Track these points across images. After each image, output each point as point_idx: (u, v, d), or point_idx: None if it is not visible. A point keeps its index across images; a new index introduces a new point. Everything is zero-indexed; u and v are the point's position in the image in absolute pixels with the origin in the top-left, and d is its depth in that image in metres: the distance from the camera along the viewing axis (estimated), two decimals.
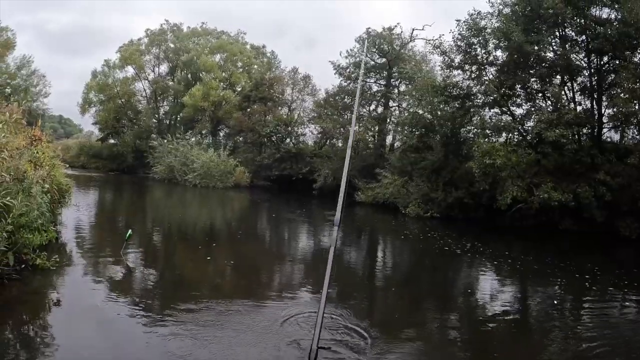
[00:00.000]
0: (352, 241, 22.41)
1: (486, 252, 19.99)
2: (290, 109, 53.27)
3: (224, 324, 9.00)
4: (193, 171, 45.99)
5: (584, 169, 25.93)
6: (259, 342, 8.12)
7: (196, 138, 53.82)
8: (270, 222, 29.19)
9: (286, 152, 47.88)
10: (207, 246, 17.99)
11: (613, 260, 20.52)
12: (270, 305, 10.56)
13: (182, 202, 35.62)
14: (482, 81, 31.05)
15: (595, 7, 27.98)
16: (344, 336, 8.69)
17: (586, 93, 29.44)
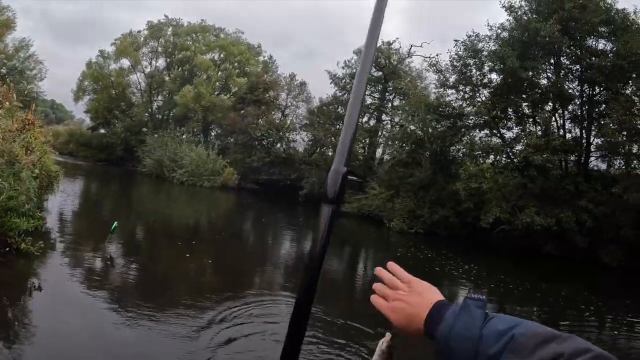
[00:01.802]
0: (332, 251, 22.64)
1: (467, 271, 20.24)
2: (284, 114, 53.08)
3: (187, 318, 9.28)
4: (181, 167, 45.73)
5: (568, 196, 26.33)
6: (210, 338, 8.42)
7: (187, 135, 53.80)
8: (253, 225, 29.32)
9: (276, 156, 47.76)
10: (188, 244, 18.10)
11: (592, 287, 20.89)
12: (239, 304, 10.73)
13: (168, 199, 35.58)
14: (474, 102, 31.52)
15: (591, 38, 28.66)
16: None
17: (576, 121, 29.98)
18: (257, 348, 8.66)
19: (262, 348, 8.69)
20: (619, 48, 26.83)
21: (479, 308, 1.20)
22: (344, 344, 9.22)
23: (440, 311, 1.27)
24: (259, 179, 47.07)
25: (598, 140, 29.15)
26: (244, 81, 56.04)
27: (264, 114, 50.00)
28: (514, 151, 30.05)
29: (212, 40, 61.61)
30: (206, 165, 45.78)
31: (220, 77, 59.62)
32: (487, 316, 1.18)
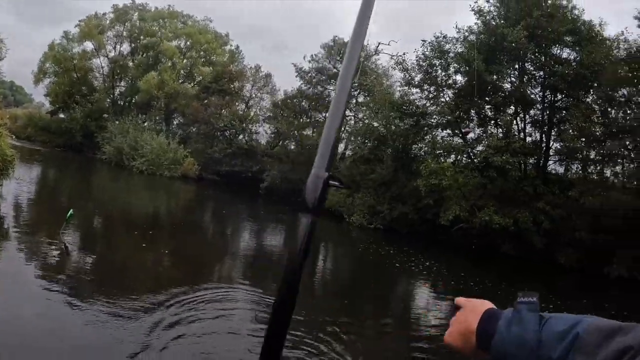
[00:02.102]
0: (293, 244, 22.58)
1: (427, 268, 20.43)
2: (248, 106, 52.91)
3: (139, 307, 9.15)
4: (141, 156, 44.94)
5: (526, 197, 26.78)
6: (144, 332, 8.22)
7: (149, 123, 53.00)
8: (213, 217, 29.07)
9: (238, 148, 47.44)
10: (145, 233, 17.77)
11: (549, 287, 21.28)
12: (194, 294, 10.62)
13: (127, 187, 35.07)
14: (438, 102, 31.91)
15: (556, 46, 29.32)
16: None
17: (537, 125, 30.63)
18: (208, 338, 8.60)
19: (215, 338, 8.65)
20: (582, 57, 27.58)
21: (532, 311, 1.14)
22: (302, 337, 9.15)
23: (490, 320, 1.21)
24: (220, 170, 46.59)
25: (557, 144, 30.11)
26: (209, 70, 55.46)
27: (227, 105, 49.64)
28: (475, 152, 30.56)
29: (179, 27, 60.47)
30: (167, 155, 45.07)
31: (185, 65, 58.79)
32: (542, 318, 1.13)
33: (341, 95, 1.69)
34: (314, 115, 46.45)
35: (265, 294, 11.59)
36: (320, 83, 45.50)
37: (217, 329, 9.06)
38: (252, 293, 11.69)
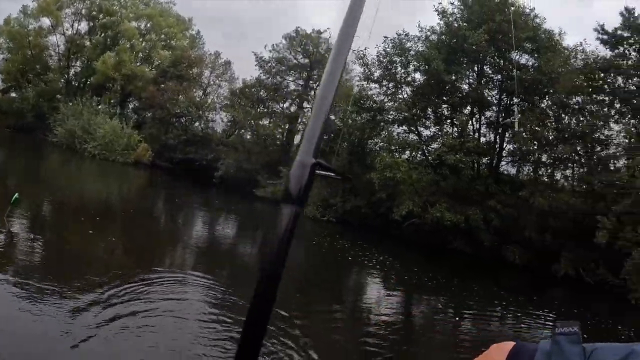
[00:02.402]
0: (245, 234, 22.53)
1: (381, 262, 20.55)
2: (205, 93, 52.37)
3: (82, 295, 8.87)
4: (94, 140, 43.55)
5: (478, 196, 27.28)
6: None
7: (103, 106, 51.37)
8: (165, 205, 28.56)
9: (193, 135, 46.79)
10: (93, 220, 17.05)
11: (498, 283, 21.77)
12: (139, 282, 10.36)
13: (77, 172, 34.11)
14: (396, 98, 32.15)
15: (516, 52, 29.73)
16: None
17: (491, 127, 31.12)
18: (156, 325, 8.40)
19: (161, 325, 8.47)
20: (540, 64, 28.34)
21: (574, 343, 0.95)
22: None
23: (522, 357, 0.98)
24: (173, 157, 45.93)
25: (510, 146, 30.73)
26: (167, 54, 54.19)
27: (184, 91, 48.83)
28: (430, 149, 30.80)
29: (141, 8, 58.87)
30: (120, 139, 43.94)
31: (144, 48, 57.09)
32: (586, 350, 0.95)
33: (331, 78, 1.59)
34: (272, 105, 46.18)
35: (218, 282, 11.49)
36: (279, 73, 45.13)
37: (165, 316, 8.86)
38: (203, 280, 11.54)
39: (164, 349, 7.72)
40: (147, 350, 7.60)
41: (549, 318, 16.41)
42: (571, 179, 28.77)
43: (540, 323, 15.72)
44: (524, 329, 15.06)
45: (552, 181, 29.18)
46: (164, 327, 8.43)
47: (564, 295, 22.21)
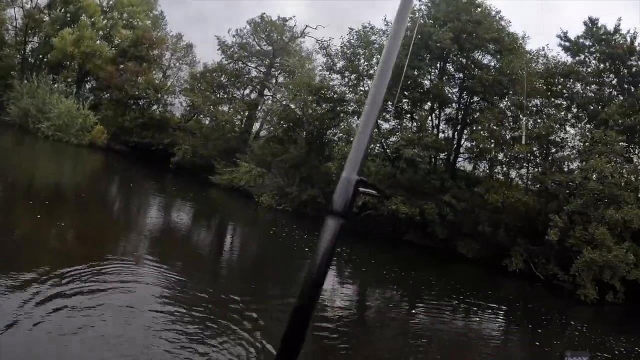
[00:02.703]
0: (202, 223, 22.27)
1: (337, 254, 20.41)
2: (165, 75, 51.27)
3: (16, 283, 8.61)
4: (48, 120, 41.90)
5: (433, 190, 27.61)
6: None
7: (59, 85, 49.63)
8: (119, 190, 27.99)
9: (150, 118, 45.74)
10: (42, 204, 16.56)
11: (449, 273, 22.13)
12: (84, 269, 10.10)
13: (29, 153, 32.84)
14: (357, 90, 32.14)
15: (479, 52, 30.23)
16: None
17: (450, 123, 31.44)
18: (100, 313, 8.26)
19: (108, 313, 8.34)
20: (502, 65, 28.79)
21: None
22: (209, 315, 9.22)
23: None
24: (129, 140, 44.92)
25: (468, 143, 31.06)
26: (129, 34, 52.75)
27: (144, 72, 47.66)
28: (388, 142, 30.79)
29: None
30: (75, 120, 42.53)
31: (105, 25, 55.03)
32: None
33: (376, 97, 1.69)
34: (232, 91, 45.52)
35: (171, 271, 11.34)
36: (242, 59, 44.48)
37: (113, 304, 8.71)
38: (156, 268, 11.34)
39: (110, 337, 7.55)
40: (91, 337, 7.41)
41: (500, 311, 16.68)
42: (526, 177, 29.23)
43: (491, 316, 15.97)
44: (475, 321, 15.27)
45: (507, 179, 29.76)
46: (112, 315, 8.26)
47: (515, 289, 22.67)
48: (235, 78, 44.54)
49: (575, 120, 28.97)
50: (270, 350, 8.45)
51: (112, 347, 7.27)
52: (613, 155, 24.32)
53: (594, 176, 24.21)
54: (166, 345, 7.73)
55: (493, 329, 15.03)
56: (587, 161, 24.48)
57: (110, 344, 7.32)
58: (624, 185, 23.78)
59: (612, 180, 23.34)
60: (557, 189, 25.35)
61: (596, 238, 21.88)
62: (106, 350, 7.16)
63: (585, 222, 23.06)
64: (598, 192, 23.42)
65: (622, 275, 21.52)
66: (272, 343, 8.66)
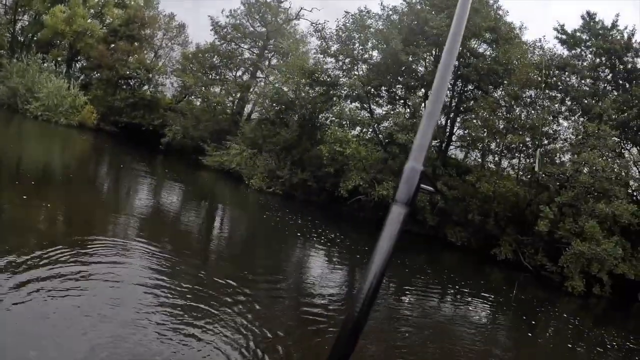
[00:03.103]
0: (192, 205, 22.06)
1: (322, 236, 20.54)
2: (156, 55, 50.68)
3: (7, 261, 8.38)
4: (37, 100, 40.87)
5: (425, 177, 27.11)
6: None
7: (49, 64, 48.72)
8: (109, 171, 27.65)
9: (141, 99, 45.34)
10: (28, 185, 15.96)
11: (437, 260, 22.21)
12: (68, 249, 9.81)
13: (16, 133, 32.01)
14: (351, 74, 31.88)
15: (476, 40, 30.08)
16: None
17: (444, 111, 31.08)
18: (86, 288, 8.18)
19: (96, 290, 8.26)
20: (498, 54, 28.76)
21: None
22: (198, 297, 9.10)
23: None
24: (119, 121, 44.49)
25: (460, 131, 31.30)
26: (120, 13, 51.74)
27: (135, 52, 47.22)
28: (380, 127, 30.65)
29: None
30: (65, 100, 41.74)
31: (97, 4, 54.22)
32: None
33: (441, 85, 1.63)
34: (224, 72, 45.03)
35: (160, 252, 11.35)
36: (235, 40, 44.00)
37: (101, 281, 8.65)
38: (145, 247, 11.22)
39: (95, 314, 7.41)
40: (75, 314, 7.28)
41: (487, 299, 16.64)
42: (517, 168, 29.30)
43: (478, 303, 15.97)
44: (462, 308, 15.25)
45: (499, 169, 29.72)
46: (99, 292, 8.15)
47: (503, 278, 22.71)
48: (228, 59, 44.14)
49: (569, 113, 28.95)
50: (258, 333, 8.41)
51: (100, 328, 7.12)
52: (605, 149, 24.45)
53: (585, 169, 24.22)
54: (156, 327, 7.60)
55: (480, 316, 15.04)
56: (579, 154, 24.36)
57: (98, 325, 7.18)
58: (615, 180, 23.71)
59: (604, 175, 23.28)
60: (548, 180, 25.37)
61: (586, 231, 21.92)
62: (92, 330, 7.00)
63: (575, 214, 23.17)
64: (589, 186, 23.45)
65: (609, 269, 21.58)
66: (263, 326, 8.67)
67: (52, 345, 6.44)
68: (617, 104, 26.30)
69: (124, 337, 7.06)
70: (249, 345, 7.98)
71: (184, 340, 7.52)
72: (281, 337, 8.74)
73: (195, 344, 7.52)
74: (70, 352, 6.44)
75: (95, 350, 6.51)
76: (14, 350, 6.08)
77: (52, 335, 6.64)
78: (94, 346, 6.59)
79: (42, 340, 6.45)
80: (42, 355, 6.18)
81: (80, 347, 6.53)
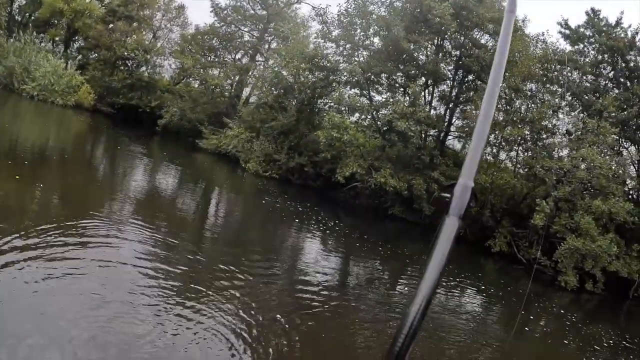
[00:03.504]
0: (188, 187, 21.98)
1: (316, 221, 20.50)
2: (155, 36, 49.92)
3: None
4: (33, 80, 39.92)
5: (422, 165, 27.50)
6: None
7: (47, 44, 47.99)
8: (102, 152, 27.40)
9: (139, 80, 44.81)
10: (22, 165, 15.68)
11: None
12: (62, 229, 9.69)
13: (11, 113, 31.46)
14: (351, 60, 31.55)
15: (478, 31, 29.69)
16: None
17: (443, 100, 31.14)
18: (78, 268, 8.06)
19: (90, 271, 8.16)
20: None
21: None
22: (194, 279, 9.17)
23: None
24: (116, 102, 43.97)
25: (459, 122, 31.13)
26: None
27: (134, 32, 46.50)
28: (379, 114, 30.40)
29: None
30: (61, 80, 40.99)
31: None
32: None
33: (487, 112, 1.67)
34: (223, 55, 44.58)
35: (157, 232, 11.37)
36: (235, 22, 43.41)
37: (94, 263, 8.50)
38: (141, 229, 11.09)
39: (87, 294, 7.31)
40: (66, 294, 7.19)
41: (480, 290, 16.65)
42: (515, 160, 29.28)
43: (471, 293, 15.96)
44: (455, 298, 15.20)
45: (497, 161, 29.73)
46: (91, 273, 8.08)
47: (496, 270, 22.74)
48: (228, 42, 43.62)
49: (569, 109, 28.90)
50: (253, 315, 8.38)
51: (92, 308, 7.01)
52: (604, 146, 24.42)
53: (583, 165, 24.16)
54: (149, 308, 7.57)
55: (472, 306, 15.07)
56: (578, 150, 24.33)
57: (89, 305, 7.07)
58: (613, 178, 23.73)
59: (601, 172, 23.17)
60: (545, 174, 25.17)
61: (581, 227, 21.95)
62: (88, 309, 6.91)
63: (571, 210, 23.19)
64: (586, 182, 23.48)
65: (603, 266, 21.62)
66: (258, 309, 8.69)
67: (41, 325, 6.29)
68: (618, 102, 26.30)
69: (115, 317, 6.95)
70: (244, 328, 7.92)
71: (177, 321, 7.43)
72: (276, 319, 8.69)
73: (188, 325, 7.43)
74: (61, 330, 6.30)
75: (85, 330, 6.41)
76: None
77: (40, 314, 6.47)
78: (84, 326, 6.48)
79: (30, 320, 6.28)
80: (31, 335, 6.00)
81: (70, 326, 6.42)
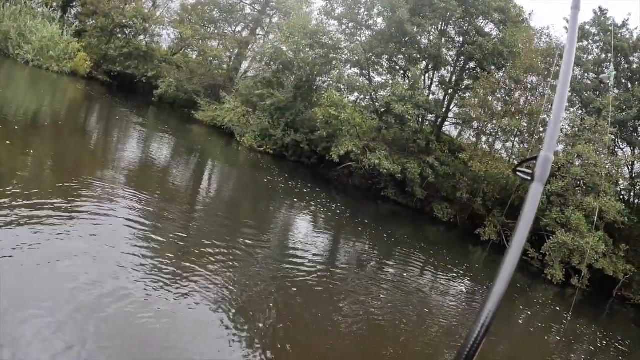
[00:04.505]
0: (181, 159, 21.78)
1: (309, 198, 20.45)
2: (155, 5, 48.75)
3: None
4: (28, 43, 38.43)
5: (417, 149, 27.53)
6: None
7: (44, 9, 47.20)
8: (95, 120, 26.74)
9: (136, 49, 43.63)
10: (13, 130, 15.12)
11: (422, 234, 22.43)
12: (51, 200, 9.33)
13: (5, 79, 30.64)
14: (353, 40, 31.34)
15: (483, 19, 29.68)
16: None
17: (443, 86, 31.04)
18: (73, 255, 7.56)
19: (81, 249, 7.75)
20: (505, 36, 28.35)
21: None
22: (181, 256, 8.96)
23: None
24: (112, 70, 43.26)
25: (457, 109, 31.05)
26: None
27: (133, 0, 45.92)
28: (378, 96, 30.33)
29: None
30: (57, 46, 39.87)
31: None
32: None
33: (563, 89, 1.78)
34: (223, 27, 44.13)
35: (149, 204, 11.28)
36: None
37: (84, 239, 8.16)
38: (129, 202, 10.83)
39: (75, 266, 7.14)
40: (53, 264, 6.98)
41: (467, 275, 16.66)
42: (510, 151, 29.34)
43: (457, 277, 16.02)
44: (442, 281, 15.23)
45: (492, 150, 29.73)
46: (80, 245, 7.84)
47: (485, 258, 22.82)
48: (228, 14, 43.05)
49: (568, 105, 28.70)
50: (243, 290, 8.43)
51: (80, 279, 6.86)
52: (600, 145, 24.45)
53: (577, 162, 24.38)
54: (138, 282, 7.40)
55: (457, 290, 15.11)
56: (574, 146, 24.41)
57: (79, 276, 6.90)
58: (606, 177, 23.89)
59: (596, 170, 23.37)
60: None
61: (571, 222, 22.16)
62: (72, 281, 6.75)
63: (563, 204, 23.39)
64: (580, 178, 23.61)
65: (590, 263, 21.73)
66: (247, 284, 8.72)
67: (32, 294, 6.17)
68: (618, 102, 26.46)
69: (106, 292, 6.77)
70: (232, 302, 7.89)
71: (166, 295, 7.32)
72: (266, 295, 8.71)
73: (178, 300, 7.34)
74: (49, 300, 6.16)
75: (74, 301, 6.27)
76: None
77: (31, 289, 6.31)
78: (73, 297, 6.34)
79: (17, 290, 6.09)
80: (17, 304, 5.83)
81: (58, 296, 6.29)
